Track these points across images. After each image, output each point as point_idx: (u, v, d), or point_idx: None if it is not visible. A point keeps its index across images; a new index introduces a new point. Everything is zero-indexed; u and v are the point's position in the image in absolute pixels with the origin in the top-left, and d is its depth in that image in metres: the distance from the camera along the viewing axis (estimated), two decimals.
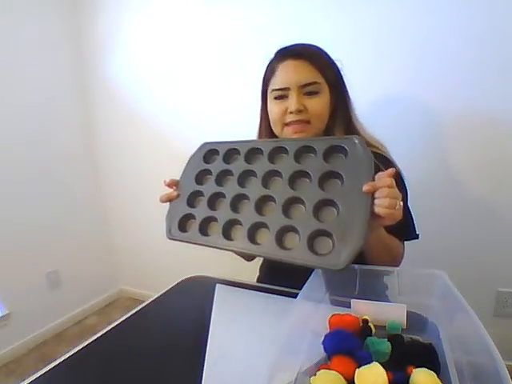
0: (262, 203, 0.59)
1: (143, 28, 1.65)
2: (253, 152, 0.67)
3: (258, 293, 0.71)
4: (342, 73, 0.75)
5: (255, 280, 0.91)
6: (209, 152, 0.74)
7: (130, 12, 1.66)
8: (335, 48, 0.74)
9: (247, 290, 0.72)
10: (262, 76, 0.77)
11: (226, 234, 0.60)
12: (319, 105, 0.70)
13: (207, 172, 0.70)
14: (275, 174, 0.61)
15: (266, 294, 0.70)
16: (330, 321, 0.52)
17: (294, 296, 0.65)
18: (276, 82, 0.72)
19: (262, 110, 0.81)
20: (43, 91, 1.70)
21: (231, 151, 0.70)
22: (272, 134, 0.80)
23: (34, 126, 1.67)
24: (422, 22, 1.14)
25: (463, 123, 1.16)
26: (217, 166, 0.69)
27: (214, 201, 0.65)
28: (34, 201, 1.69)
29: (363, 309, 0.53)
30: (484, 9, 1.06)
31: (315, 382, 0.40)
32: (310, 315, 0.52)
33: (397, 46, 1.18)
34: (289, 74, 0.70)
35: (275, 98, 0.72)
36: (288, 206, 0.56)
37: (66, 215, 1.84)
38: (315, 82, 0.69)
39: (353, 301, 0.54)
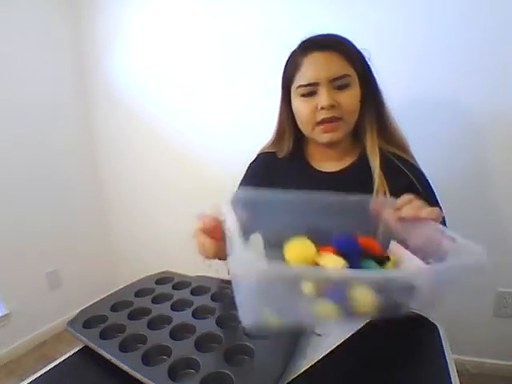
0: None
1: (143, 28, 1.64)
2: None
3: None
4: (370, 64, 0.69)
5: None
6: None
7: (130, 12, 1.65)
8: None
9: None
10: (283, 71, 0.71)
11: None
12: (352, 98, 0.65)
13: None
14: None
15: None
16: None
17: None
18: (303, 78, 0.65)
19: (282, 107, 0.74)
20: (43, 91, 1.70)
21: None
22: (296, 132, 0.74)
23: (34, 126, 1.67)
24: (425, 24, 1.14)
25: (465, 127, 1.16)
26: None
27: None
28: (34, 201, 1.69)
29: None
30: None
31: (288, 246, 0.44)
32: None
33: (399, 46, 1.18)
34: (317, 67, 0.64)
35: (302, 96, 0.66)
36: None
37: (65, 215, 1.84)
38: (346, 75, 0.64)
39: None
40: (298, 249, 0.45)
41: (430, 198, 0.68)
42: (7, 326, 1.60)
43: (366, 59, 0.69)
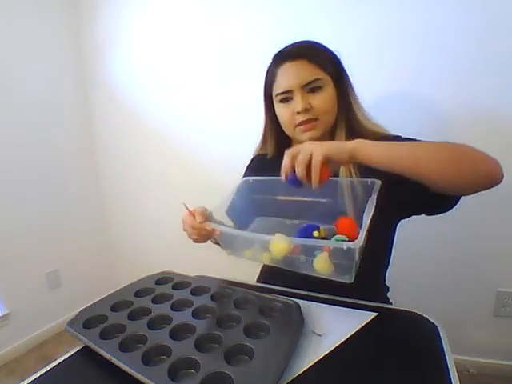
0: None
1: (143, 28, 1.64)
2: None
3: None
4: (342, 63, 0.74)
5: (255, 280, 0.91)
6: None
7: (130, 12, 1.65)
8: (335, 47, 0.74)
9: None
10: (264, 81, 0.78)
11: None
12: (324, 100, 0.70)
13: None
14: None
15: None
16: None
17: (294, 296, 0.65)
18: (278, 86, 0.72)
19: (266, 113, 0.82)
20: (43, 91, 1.70)
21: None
22: (279, 136, 0.81)
23: (34, 126, 1.67)
24: (423, 20, 1.14)
25: (465, 120, 1.16)
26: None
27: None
28: (34, 201, 1.69)
29: None
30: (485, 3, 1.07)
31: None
32: None
33: (397, 44, 1.18)
34: (289, 76, 0.70)
35: (281, 102, 0.73)
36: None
37: (65, 215, 1.84)
38: (317, 79, 0.69)
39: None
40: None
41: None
42: (7, 326, 1.60)
43: (339, 61, 0.74)
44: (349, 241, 0.55)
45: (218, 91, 1.53)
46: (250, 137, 0.89)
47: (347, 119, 0.73)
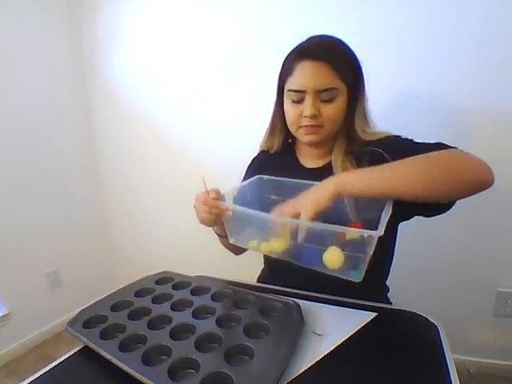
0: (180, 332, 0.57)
1: (143, 28, 1.64)
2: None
3: None
4: (362, 71, 0.72)
5: (255, 280, 0.91)
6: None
7: (130, 12, 1.65)
8: None
9: None
10: (279, 71, 0.75)
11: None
12: (334, 111, 0.69)
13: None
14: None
15: None
16: None
17: (294, 296, 0.65)
18: (293, 83, 0.70)
19: (276, 104, 0.80)
20: (43, 91, 1.70)
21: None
22: (287, 130, 0.79)
23: (34, 126, 1.67)
24: (423, 19, 1.14)
25: (465, 120, 1.16)
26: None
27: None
28: (34, 201, 1.69)
29: None
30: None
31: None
32: None
33: (398, 43, 1.19)
34: (306, 76, 0.68)
35: (292, 99, 0.71)
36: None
37: (65, 215, 1.84)
38: (333, 88, 0.67)
39: None
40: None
41: (409, 150, 0.61)
42: (7, 326, 1.60)
43: (359, 69, 0.71)
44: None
45: (218, 91, 1.53)
46: (250, 135, 0.89)
47: (351, 126, 0.72)
